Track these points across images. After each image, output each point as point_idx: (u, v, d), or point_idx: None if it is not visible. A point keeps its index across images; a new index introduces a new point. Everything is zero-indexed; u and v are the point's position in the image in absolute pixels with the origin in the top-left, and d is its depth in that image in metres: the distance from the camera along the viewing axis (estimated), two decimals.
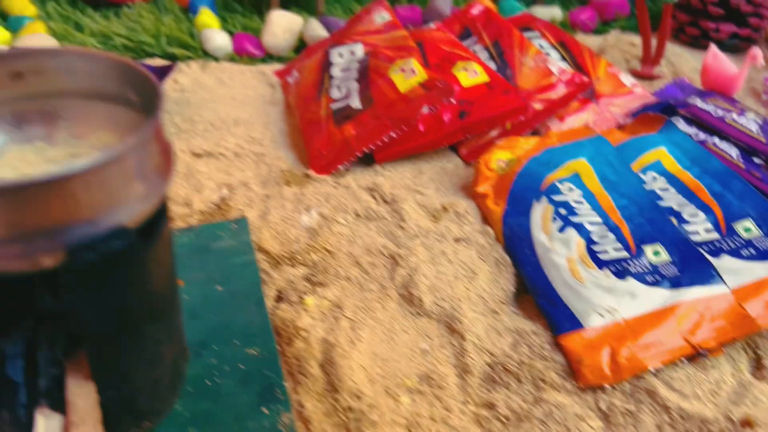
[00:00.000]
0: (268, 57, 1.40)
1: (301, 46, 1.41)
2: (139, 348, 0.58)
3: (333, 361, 0.73)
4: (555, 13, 1.60)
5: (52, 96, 0.60)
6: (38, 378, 0.56)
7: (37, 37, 1.29)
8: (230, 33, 1.43)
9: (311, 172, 1.04)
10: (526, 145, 1.04)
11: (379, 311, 0.81)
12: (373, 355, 0.75)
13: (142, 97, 0.57)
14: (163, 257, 0.57)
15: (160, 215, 0.53)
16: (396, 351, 0.76)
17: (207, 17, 1.40)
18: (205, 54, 1.37)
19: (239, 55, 1.37)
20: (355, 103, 1.07)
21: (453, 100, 1.03)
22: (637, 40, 1.53)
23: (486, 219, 0.97)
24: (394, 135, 1.03)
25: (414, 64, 1.07)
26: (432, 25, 1.32)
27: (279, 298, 0.82)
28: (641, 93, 1.24)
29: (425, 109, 1.03)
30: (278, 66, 1.36)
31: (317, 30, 1.39)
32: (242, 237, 0.90)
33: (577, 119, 1.16)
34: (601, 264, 0.85)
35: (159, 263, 0.56)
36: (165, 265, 0.57)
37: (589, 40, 1.56)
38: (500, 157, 1.02)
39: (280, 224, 0.93)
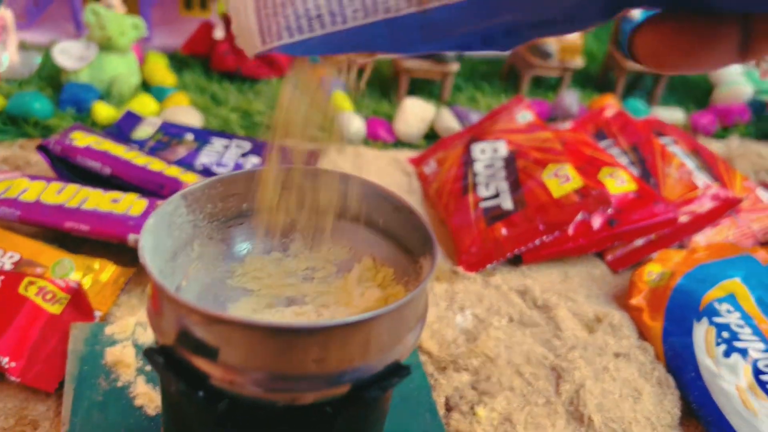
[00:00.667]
0: (399, 143, 1.43)
1: (431, 134, 1.44)
2: None
3: None
4: (677, 116, 1.61)
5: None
6: None
7: (183, 109, 1.34)
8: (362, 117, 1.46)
9: (460, 269, 1.05)
10: (676, 258, 1.04)
11: (549, 428, 0.80)
12: None
13: (395, 226, 0.59)
14: None
15: None
16: None
17: (342, 100, 1.44)
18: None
19: (372, 140, 1.40)
20: (507, 204, 1.08)
21: (610, 210, 1.04)
22: (763, 150, 1.53)
23: (642, 334, 0.96)
24: (546, 239, 1.04)
25: (569, 170, 1.08)
26: (567, 125, 1.34)
27: (449, 407, 0.82)
28: None
29: (579, 216, 1.04)
30: (410, 153, 1.39)
31: (448, 120, 1.42)
32: None
33: (716, 234, 1.16)
34: None
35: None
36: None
37: (710, 146, 1.56)
38: (652, 270, 1.02)
39: (436, 323, 0.94)
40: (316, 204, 0.60)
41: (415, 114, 1.40)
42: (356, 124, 1.37)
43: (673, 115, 1.61)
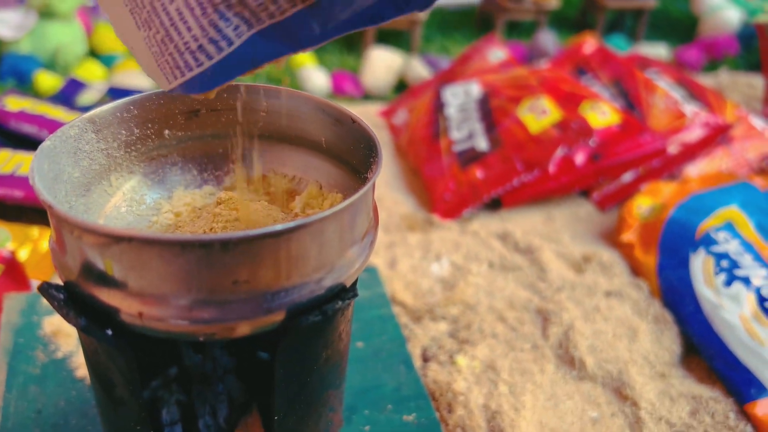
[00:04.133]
0: (367, 97, 1.34)
1: (401, 85, 1.36)
2: (319, 416, 0.51)
3: (502, 431, 0.65)
4: (661, 51, 1.53)
5: (225, 136, 0.54)
6: None
7: (133, 73, 1.26)
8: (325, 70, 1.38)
9: (435, 217, 0.97)
10: (668, 190, 0.96)
11: (537, 374, 0.72)
12: (540, 424, 0.67)
13: (339, 144, 0.51)
14: (351, 315, 0.50)
15: None
16: (564, 420, 0.68)
17: (303, 55, 1.36)
18: None
19: (338, 95, 1.32)
20: (481, 144, 1.00)
21: (593, 142, 0.96)
22: (754, 80, 1.45)
23: (636, 271, 0.89)
24: (525, 178, 0.96)
25: (546, 103, 1.00)
26: (542, 64, 1.26)
27: (426, 357, 0.74)
28: None
29: (560, 152, 0.96)
30: (379, 106, 1.31)
31: (419, 69, 1.33)
32: (375, 287, 0.83)
33: (708, 164, 1.08)
34: None
35: (349, 321, 0.49)
36: (350, 322, 0.51)
37: (700, 81, 1.48)
38: (642, 203, 0.94)
39: (410, 274, 0.86)
40: (244, 125, 0.52)
41: (382, 65, 1.32)
42: (318, 78, 1.29)
43: (656, 51, 1.53)
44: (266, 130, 0.54)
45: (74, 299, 0.41)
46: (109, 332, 0.39)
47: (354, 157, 0.50)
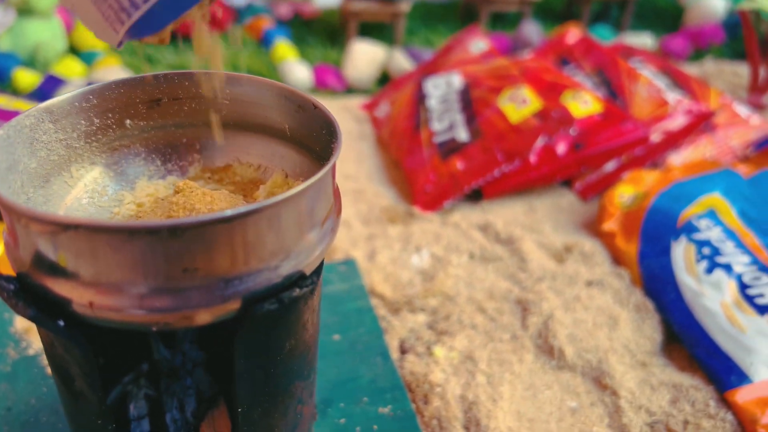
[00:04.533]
0: (351, 90, 1.33)
1: (384, 78, 1.35)
2: (287, 408, 0.50)
3: (478, 422, 0.64)
4: (646, 41, 1.53)
5: (188, 126, 0.53)
6: None
7: (113, 70, 1.24)
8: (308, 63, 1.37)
9: (416, 209, 0.96)
10: (650, 178, 0.96)
11: (515, 364, 0.72)
12: (518, 414, 0.66)
13: (302, 131, 0.50)
14: (317, 304, 0.49)
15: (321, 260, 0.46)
16: (542, 410, 0.67)
17: (284, 49, 1.35)
18: None
19: (321, 88, 1.31)
20: (461, 135, 1.00)
21: (573, 131, 0.95)
22: (739, 69, 1.44)
23: (617, 259, 0.88)
24: (505, 169, 0.95)
25: (526, 92, 0.99)
26: (525, 54, 1.25)
27: (403, 349, 0.73)
28: (759, 124, 1.15)
29: (541, 141, 0.95)
30: (361, 99, 1.30)
31: (402, 61, 1.32)
32: (353, 280, 0.82)
33: (693, 152, 1.08)
34: (761, 309, 0.75)
35: (315, 311, 0.48)
36: (317, 312, 0.50)
37: (685, 69, 1.48)
38: (624, 192, 0.93)
39: (389, 266, 0.85)
40: (204, 114, 0.52)
41: (364, 57, 1.31)
42: (300, 72, 1.28)
43: (641, 40, 1.52)
44: (230, 118, 0.53)
45: (26, 290, 0.40)
46: (61, 323, 0.38)
47: (318, 143, 0.49)
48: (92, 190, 0.52)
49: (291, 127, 0.51)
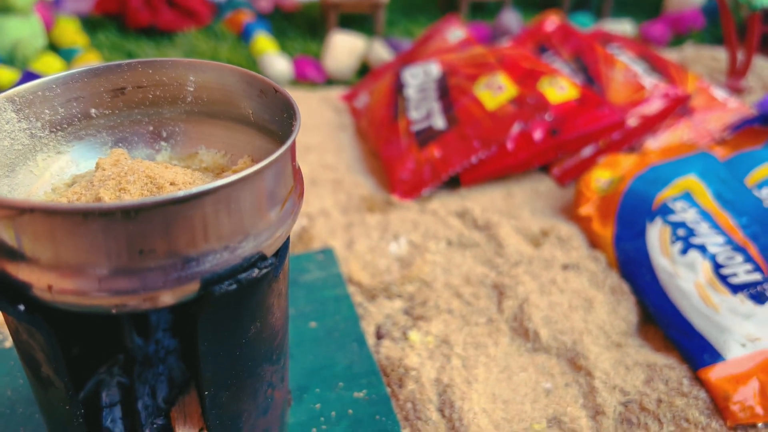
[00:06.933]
0: (330, 82, 1.33)
1: (364, 69, 1.35)
2: (255, 392, 0.50)
3: (452, 404, 0.64)
4: (626, 27, 1.53)
5: (153, 114, 0.53)
6: (141, 429, 0.49)
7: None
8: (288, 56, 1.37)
9: (394, 198, 0.96)
10: (627, 162, 0.96)
11: (491, 347, 0.72)
12: (492, 396, 0.67)
13: (265, 116, 0.50)
14: (284, 288, 0.49)
15: (286, 242, 0.46)
16: (517, 391, 0.68)
17: (264, 42, 1.35)
18: None
19: (300, 81, 1.31)
20: (438, 123, 1.00)
21: (549, 116, 0.95)
22: (718, 53, 1.45)
23: (594, 243, 0.88)
24: (482, 155, 0.95)
25: (502, 79, 1.00)
26: (504, 43, 1.26)
27: (379, 335, 0.74)
28: (736, 107, 1.15)
29: (517, 127, 0.95)
30: (341, 91, 1.30)
31: (381, 52, 1.33)
32: (331, 268, 0.82)
33: (670, 136, 1.08)
34: (734, 289, 0.76)
35: (281, 295, 0.48)
36: (284, 296, 0.50)
37: (664, 55, 1.48)
38: (600, 176, 0.94)
39: (368, 254, 0.86)
40: (167, 101, 0.52)
41: (343, 48, 1.31)
42: (280, 64, 1.28)
43: (621, 27, 1.53)
44: (195, 105, 0.53)
45: None
46: (22, 308, 0.39)
47: (281, 127, 0.50)
48: (59, 180, 0.52)
49: (255, 112, 0.52)
